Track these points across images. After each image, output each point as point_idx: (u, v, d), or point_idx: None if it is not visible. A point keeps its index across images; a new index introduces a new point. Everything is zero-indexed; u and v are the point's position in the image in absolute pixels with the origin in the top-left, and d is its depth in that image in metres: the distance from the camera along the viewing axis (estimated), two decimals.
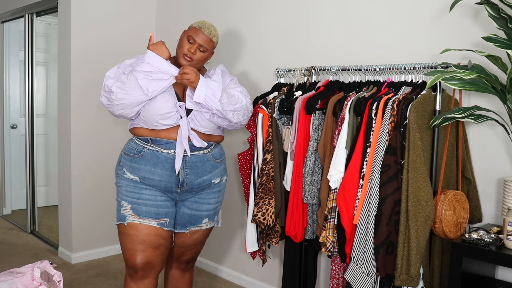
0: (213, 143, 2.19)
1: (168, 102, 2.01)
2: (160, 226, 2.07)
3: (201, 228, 2.22)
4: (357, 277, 2.04)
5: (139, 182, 2.07)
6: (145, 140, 2.07)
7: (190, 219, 2.18)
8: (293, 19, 2.80)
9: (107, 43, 3.52)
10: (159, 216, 2.07)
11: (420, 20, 2.25)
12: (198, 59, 2.08)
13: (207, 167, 2.14)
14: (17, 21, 4.42)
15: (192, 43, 2.06)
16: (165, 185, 2.07)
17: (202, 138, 2.11)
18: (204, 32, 2.07)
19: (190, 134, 2.06)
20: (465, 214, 1.99)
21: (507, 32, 1.73)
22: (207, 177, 2.15)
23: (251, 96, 2.96)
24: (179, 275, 2.33)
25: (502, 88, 1.78)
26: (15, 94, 4.63)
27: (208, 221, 2.23)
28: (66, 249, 3.57)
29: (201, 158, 2.12)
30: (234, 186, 3.20)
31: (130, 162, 2.08)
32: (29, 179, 4.15)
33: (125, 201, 2.08)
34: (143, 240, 2.04)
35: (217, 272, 3.36)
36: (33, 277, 1.82)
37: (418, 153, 1.89)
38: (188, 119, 2.06)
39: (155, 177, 2.05)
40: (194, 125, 2.07)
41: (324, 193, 2.22)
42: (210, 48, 2.11)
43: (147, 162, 2.05)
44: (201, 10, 3.37)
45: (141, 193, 2.06)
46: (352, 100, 2.13)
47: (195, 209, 2.17)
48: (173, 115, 2.03)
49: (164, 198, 2.10)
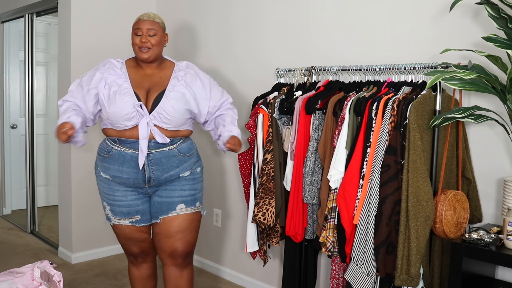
0: (180, 138, 2.22)
1: (127, 103, 2.08)
2: (131, 223, 2.22)
3: (178, 213, 2.20)
4: (357, 277, 2.04)
5: (111, 181, 2.20)
6: (114, 141, 2.17)
7: (161, 207, 2.20)
8: (293, 19, 2.80)
9: (107, 43, 3.52)
10: (131, 215, 2.21)
11: (420, 20, 2.25)
12: (154, 43, 2.15)
13: (173, 162, 2.18)
14: (17, 21, 4.42)
15: (140, 35, 2.16)
16: (133, 182, 2.17)
17: (167, 134, 2.15)
18: (143, 18, 2.18)
19: (153, 131, 2.12)
20: (465, 214, 1.99)
21: (507, 32, 1.73)
22: (174, 172, 2.19)
23: (251, 96, 2.98)
24: (177, 273, 2.27)
25: (502, 88, 1.78)
26: (15, 94, 4.63)
27: (185, 207, 2.21)
28: (66, 249, 3.57)
29: (166, 154, 2.16)
30: (235, 186, 3.20)
31: (102, 162, 2.21)
32: (29, 179, 4.15)
33: (105, 203, 2.25)
34: (128, 238, 2.27)
35: (217, 272, 3.36)
36: (33, 277, 1.82)
37: (418, 153, 1.89)
38: (150, 116, 2.11)
39: (123, 175, 2.15)
40: (158, 122, 2.13)
41: (324, 193, 2.22)
42: (159, 29, 2.19)
43: (115, 161, 2.15)
44: (200, 10, 3.37)
45: (115, 195, 2.20)
46: (352, 100, 2.13)
47: (166, 196, 2.20)
48: (134, 116, 2.09)
49: (134, 196, 2.20)
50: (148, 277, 2.43)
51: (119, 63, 2.21)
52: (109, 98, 2.10)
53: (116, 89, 2.11)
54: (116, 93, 2.10)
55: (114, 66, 2.18)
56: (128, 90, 2.12)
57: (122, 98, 2.09)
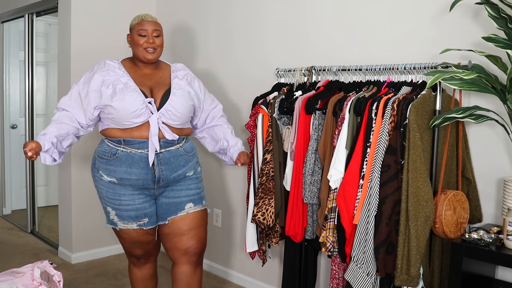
0: (184, 137, 2.24)
1: (136, 100, 2.07)
2: (139, 227, 2.19)
3: (188, 212, 2.20)
4: (357, 277, 2.04)
5: (116, 184, 2.14)
6: (118, 142, 2.13)
7: (169, 208, 2.20)
8: (293, 19, 2.80)
9: (107, 43, 3.52)
10: (139, 218, 2.18)
11: (420, 20, 2.25)
12: (159, 44, 2.19)
13: (180, 161, 2.20)
14: (17, 21, 4.42)
15: (145, 35, 2.16)
16: (142, 183, 2.14)
17: (174, 131, 2.16)
18: (148, 19, 2.19)
19: (161, 128, 2.12)
20: (465, 214, 1.99)
21: (507, 32, 1.73)
22: (181, 171, 2.21)
23: (251, 96, 2.98)
24: (190, 271, 2.22)
25: (502, 88, 1.78)
26: (15, 94, 4.63)
27: (194, 205, 2.22)
28: (66, 249, 3.57)
29: (174, 153, 2.17)
30: (234, 186, 3.20)
31: (106, 165, 2.14)
32: (29, 179, 4.15)
33: (110, 208, 2.19)
34: (135, 241, 2.25)
35: (217, 272, 3.36)
36: (33, 277, 1.82)
37: (418, 153, 1.89)
38: (159, 113, 2.12)
39: (132, 176, 2.12)
40: (166, 120, 2.13)
41: (324, 193, 2.22)
42: (161, 30, 2.23)
43: (123, 163, 2.11)
44: (200, 10, 3.37)
45: (121, 199, 2.15)
46: (352, 100, 2.13)
47: (174, 197, 2.20)
48: (143, 112, 2.09)
49: (142, 199, 2.18)
50: (150, 277, 2.44)
51: (116, 63, 2.21)
52: (115, 95, 2.07)
53: (122, 87, 2.10)
54: (124, 90, 2.08)
55: (113, 67, 2.18)
56: (135, 87, 2.12)
57: (131, 94, 2.08)
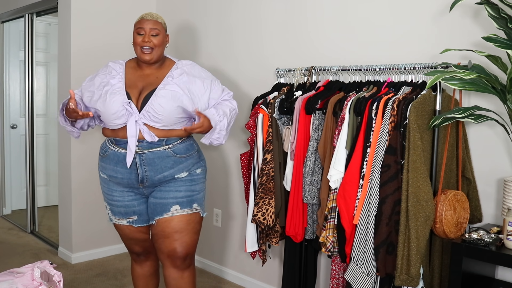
0: (177, 138, 2.17)
1: (116, 102, 2.09)
2: (128, 224, 2.24)
3: (173, 215, 2.16)
4: (357, 277, 2.04)
5: (109, 181, 2.22)
6: (110, 141, 2.20)
7: (155, 208, 2.18)
8: (293, 19, 2.80)
9: (107, 43, 3.52)
10: (128, 215, 2.23)
11: (420, 20, 2.25)
12: (157, 44, 2.15)
13: (167, 163, 2.14)
14: (17, 21, 4.42)
15: (143, 34, 2.15)
16: (127, 182, 2.17)
17: (159, 133, 2.12)
18: (147, 18, 2.17)
19: (141, 129, 2.10)
20: (465, 214, 1.99)
21: (507, 32, 1.73)
22: (168, 173, 2.16)
23: (251, 96, 2.98)
24: (177, 275, 2.22)
25: (502, 88, 1.78)
26: (15, 94, 4.63)
27: (180, 208, 2.17)
28: (66, 249, 3.57)
29: (160, 154, 2.13)
30: (235, 186, 3.20)
31: (101, 161, 2.24)
32: (29, 179, 4.15)
33: (106, 202, 2.29)
34: (129, 237, 2.31)
35: (217, 272, 3.37)
36: (33, 277, 1.82)
37: (418, 153, 1.89)
38: (140, 115, 2.09)
39: (118, 175, 2.17)
40: (147, 121, 2.10)
41: (324, 193, 2.22)
42: (161, 29, 2.19)
43: (111, 161, 2.17)
44: (200, 10, 3.37)
45: (113, 195, 2.23)
46: (352, 100, 2.13)
47: (160, 198, 2.18)
48: (123, 114, 2.09)
49: (131, 197, 2.21)
50: (151, 275, 2.47)
51: (119, 65, 2.22)
52: (100, 97, 2.13)
53: (108, 88, 2.13)
54: (108, 92, 2.12)
55: (112, 69, 2.20)
56: (120, 89, 2.13)
57: (112, 97, 2.10)
